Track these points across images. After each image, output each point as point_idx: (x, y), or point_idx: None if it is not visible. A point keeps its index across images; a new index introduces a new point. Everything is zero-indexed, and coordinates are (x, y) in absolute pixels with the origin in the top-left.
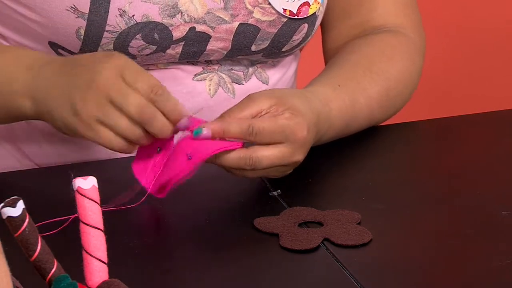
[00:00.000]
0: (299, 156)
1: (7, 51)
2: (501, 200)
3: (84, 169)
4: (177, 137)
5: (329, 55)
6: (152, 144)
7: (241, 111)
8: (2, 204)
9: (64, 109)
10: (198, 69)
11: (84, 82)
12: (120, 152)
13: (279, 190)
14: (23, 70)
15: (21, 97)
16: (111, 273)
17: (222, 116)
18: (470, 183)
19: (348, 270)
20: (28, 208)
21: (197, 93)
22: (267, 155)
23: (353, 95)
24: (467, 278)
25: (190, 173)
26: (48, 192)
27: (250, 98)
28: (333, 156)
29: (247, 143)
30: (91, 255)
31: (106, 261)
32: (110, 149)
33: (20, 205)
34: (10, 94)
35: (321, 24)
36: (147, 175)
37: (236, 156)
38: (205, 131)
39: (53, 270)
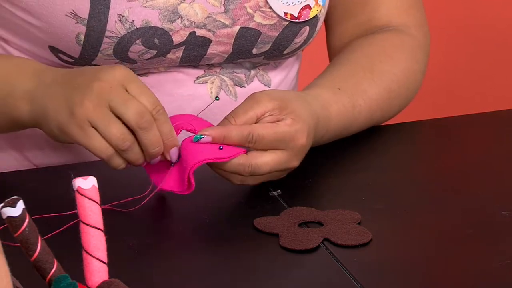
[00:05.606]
0: (296, 162)
1: (12, 59)
2: (501, 200)
3: (84, 169)
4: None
5: (334, 54)
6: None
7: (245, 112)
8: (2, 204)
9: (61, 111)
10: (199, 72)
11: (86, 86)
12: (106, 161)
13: (279, 190)
14: (27, 77)
15: (20, 101)
16: (111, 273)
17: (226, 118)
18: (470, 183)
19: (348, 270)
20: (28, 208)
21: (199, 96)
22: (266, 161)
23: (353, 97)
24: (467, 278)
25: (220, 159)
26: (48, 192)
27: (254, 99)
28: (333, 156)
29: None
30: (91, 255)
31: (106, 261)
32: (97, 155)
33: (20, 205)
34: (12, 99)
35: (325, 23)
36: (170, 183)
37: (236, 163)
38: (206, 137)
39: (53, 270)
